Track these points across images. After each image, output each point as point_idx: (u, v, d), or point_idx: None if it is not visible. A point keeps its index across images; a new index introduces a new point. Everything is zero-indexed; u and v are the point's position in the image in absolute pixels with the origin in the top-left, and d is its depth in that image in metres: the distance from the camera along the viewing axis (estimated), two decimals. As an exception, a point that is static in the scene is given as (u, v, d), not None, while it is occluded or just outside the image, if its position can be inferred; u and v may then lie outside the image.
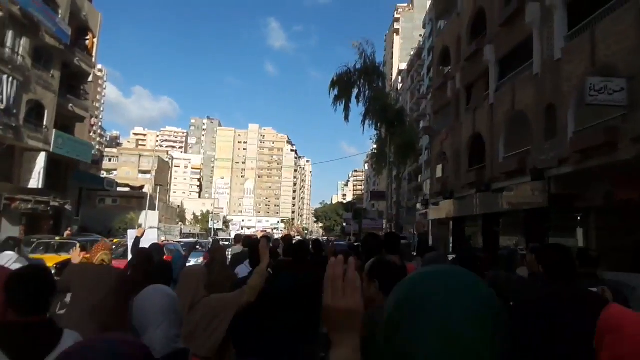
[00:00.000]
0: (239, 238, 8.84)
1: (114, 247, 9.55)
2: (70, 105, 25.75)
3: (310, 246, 6.71)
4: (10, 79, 20.05)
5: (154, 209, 67.31)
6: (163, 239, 26.73)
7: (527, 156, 15.05)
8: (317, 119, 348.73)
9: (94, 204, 56.97)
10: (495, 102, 17.83)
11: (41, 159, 23.07)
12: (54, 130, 23.81)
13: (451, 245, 23.59)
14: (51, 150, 23.60)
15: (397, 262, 2.61)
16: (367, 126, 39.20)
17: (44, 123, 23.13)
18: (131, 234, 7.75)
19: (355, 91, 38.75)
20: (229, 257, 6.21)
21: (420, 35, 73.94)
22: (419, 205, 55.97)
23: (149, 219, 50.19)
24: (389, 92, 51.17)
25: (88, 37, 26.98)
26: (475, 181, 18.75)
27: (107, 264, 3.76)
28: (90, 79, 27.79)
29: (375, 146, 44.82)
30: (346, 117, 38.72)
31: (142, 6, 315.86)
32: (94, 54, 27.74)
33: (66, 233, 24.20)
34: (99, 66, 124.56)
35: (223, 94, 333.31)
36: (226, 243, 23.12)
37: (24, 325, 1.67)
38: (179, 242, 26.73)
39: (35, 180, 23.03)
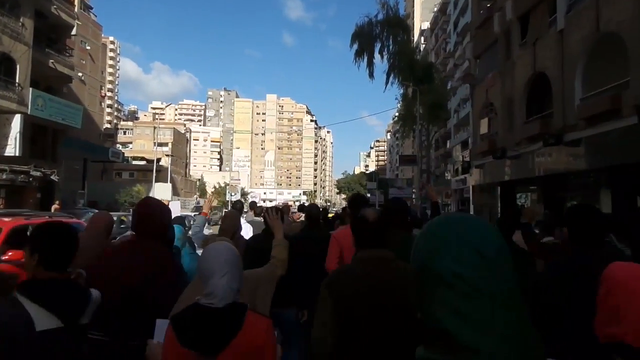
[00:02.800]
0: (253, 205, 8.67)
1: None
2: (51, 61, 22.35)
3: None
4: (-35, 23, 16.71)
5: (172, 182, 65.04)
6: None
7: (624, 91, 10.91)
8: (336, 89, 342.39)
9: (111, 177, 54.66)
10: (567, 26, 13.52)
11: (16, 122, 19.90)
12: (31, 89, 20.53)
13: (498, 217, 19.62)
14: (29, 112, 20.39)
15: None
16: (391, 84, 35.28)
17: (16, 80, 19.83)
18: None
19: (378, 45, 34.66)
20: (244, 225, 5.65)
21: (448, -15, 68.27)
22: (447, 174, 52.07)
23: (161, 191, 47.44)
24: (415, 46, 46.56)
25: (68, -18, 23.35)
26: (538, 133, 14.64)
27: None
28: (73, 32, 24.24)
29: (399, 106, 40.70)
30: (370, 74, 34.56)
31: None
32: (75, 2, 24.12)
33: (53, 207, 21.28)
34: (111, 38, 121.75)
35: (242, 66, 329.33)
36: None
37: (62, 281, 1.72)
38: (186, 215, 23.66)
39: (12, 147, 19.93)
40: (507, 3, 17.47)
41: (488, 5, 19.91)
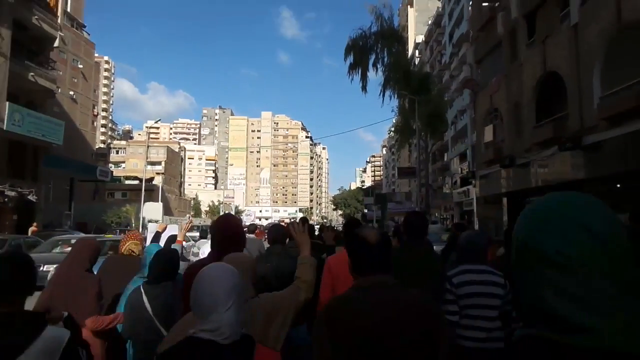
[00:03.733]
0: (253, 228, 8.06)
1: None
2: (31, 74, 21.16)
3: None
4: None
5: (165, 201, 63.56)
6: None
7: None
8: (332, 106, 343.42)
9: (103, 197, 53.23)
10: (583, 20, 12.47)
11: (-10, 139, 18.63)
12: (7, 104, 19.29)
13: (505, 229, 18.33)
14: (4, 127, 19.12)
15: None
16: (388, 97, 34.40)
17: (-9, 93, 18.63)
18: (151, 228, 7.62)
19: (372, 58, 33.86)
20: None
21: (439, 0, 68.84)
22: (445, 187, 50.91)
23: (152, 211, 45.94)
24: (410, 59, 45.94)
25: (50, -8, 22.30)
26: (551, 137, 13.49)
27: (136, 255, 3.79)
28: (56, 44, 23.12)
29: (395, 119, 39.79)
30: (363, 87, 33.74)
31: (154, 3, 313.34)
32: (59, 13, 23.05)
33: (30, 230, 19.86)
34: (106, 57, 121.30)
35: (237, 85, 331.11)
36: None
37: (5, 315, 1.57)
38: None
39: (-15, 165, 18.62)
40: (511, 1, 16.50)
41: (490, 5, 18.96)
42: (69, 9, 36.93)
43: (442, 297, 2.81)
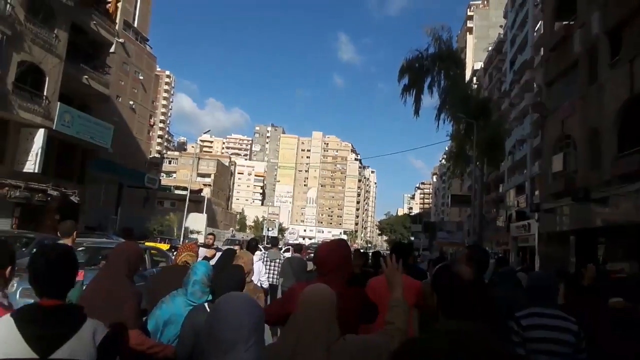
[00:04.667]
0: (299, 248, 8.19)
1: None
2: (85, 77, 21.40)
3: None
4: (-9, 29, 15.77)
5: (211, 213, 64.21)
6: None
7: None
8: (382, 131, 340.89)
9: (153, 205, 54.47)
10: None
11: (39, 137, 18.71)
12: (58, 104, 19.46)
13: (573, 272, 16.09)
14: (54, 127, 19.25)
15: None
16: (443, 122, 32.70)
17: (44, 93, 18.79)
18: (201, 253, 6.25)
19: (428, 80, 32.40)
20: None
21: (501, 27, 66.77)
22: (499, 220, 47.95)
23: (196, 221, 46.15)
24: (467, 85, 44.15)
25: (110, 0, 22.70)
26: (637, 170, 11.51)
27: (190, 266, 3.54)
28: (112, 49, 23.44)
29: (447, 147, 37.90)
30: (416, 111, 32.10)
31: (218, 24, 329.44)
32: (117, 20, 23.41)
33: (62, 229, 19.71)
34: (167, 72, 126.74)
35: (291, 105, 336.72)
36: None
37: (50, 309, 1.61)
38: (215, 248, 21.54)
39: (32, 163, 18.69)
40: (592, 17, 14.71)
41: (564, 23, 17.17)
42: (135, 24, 38.57)
43: (507, 337, 2.69)
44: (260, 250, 8.78)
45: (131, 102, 39.61)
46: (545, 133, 18.33)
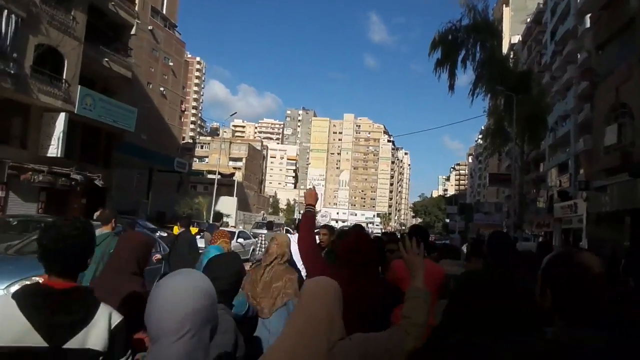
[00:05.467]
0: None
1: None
2: (106, 60, 20.99)
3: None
4: (5, 12, 15.35)
5: (243, 197, 64.46)
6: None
7: None
8: (416, 112, 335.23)
9: (186, 190, 55.15)
10: None
11: (61, 121, 18.45)
12: (79, 87, 19.12)
13: (625, 254, 14.50)
14: (75, 110, 18.95)
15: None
16: (476, 96, 30.81)
17: (64, 76, 18.45)
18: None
19: (462, 53, 30.45)
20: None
21: (540, -2, 63.23)
22: (539, 201, 45.67)
23: (226, 205, 46.16)
24: (506, 56, 41.77)
25: (128, -21, 22.08)
26: None
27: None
28: (133, 31, 22.90)
29: (483, 127, 35.98)
30: (451, 87, 30.26)
31: (248, 10, 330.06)
32: (137, 0, 22.82)
33: (96, 214, 19.67)
34: (198, 58, 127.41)
35: (323, 88, 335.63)
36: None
37: (62, 292, 1.49)
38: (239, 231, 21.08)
39: (55, 148, 18.49)
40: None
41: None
42: (164, 11, 38.41)
43: None
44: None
45: (162, 89, 39.69)
46: (596, 102, 16.58)
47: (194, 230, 18.88)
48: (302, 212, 3.01)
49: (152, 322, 1.16)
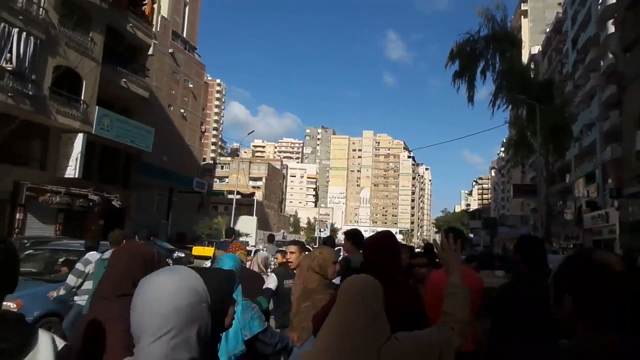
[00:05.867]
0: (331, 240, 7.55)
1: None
2: (124, 80, 21.24)
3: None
4: (24, 34, 15.65)
5: (264, 216, 64.42)
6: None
7: None
8: (436, 127, 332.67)
9: (207, 210, 55.42)
10: None
11: (79, 142, 18.61)
12: (97, 108, 19.32)
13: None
14: (93, 131, 19.12)
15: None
16: (497, 107, 30.09)
17: (82, 97, 18.67)
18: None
19: (481, 64, 29.98)
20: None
21: (559, 4, 62.35)
22: (567, 213, 44.15)
23: (246, 224, 46.12)
24: (527, 65, 41.01)
25: (146, 2, 22.46)
26: None
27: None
28: (150, 51, 23.22)
29: (505, 139, 35.10)
30: (470, 99, 29.78)
31: (266, 32, 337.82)
32: (154, 22, 23.17)
33: (109, 236, 19.51)
34: (218, 80, 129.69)
35: (341, 106, 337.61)
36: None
37: None
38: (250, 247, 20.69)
39: (72, 169, 18.62)
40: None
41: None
42: (184, 34, 39.17)
43: None
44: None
45: (182, 110, 40.18)
46: (624, 107, 15.87)
47: (210, 250, 18.64)
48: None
49: (134, 321, 1.10)
